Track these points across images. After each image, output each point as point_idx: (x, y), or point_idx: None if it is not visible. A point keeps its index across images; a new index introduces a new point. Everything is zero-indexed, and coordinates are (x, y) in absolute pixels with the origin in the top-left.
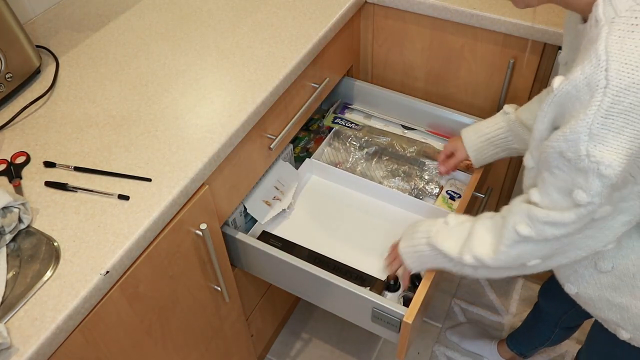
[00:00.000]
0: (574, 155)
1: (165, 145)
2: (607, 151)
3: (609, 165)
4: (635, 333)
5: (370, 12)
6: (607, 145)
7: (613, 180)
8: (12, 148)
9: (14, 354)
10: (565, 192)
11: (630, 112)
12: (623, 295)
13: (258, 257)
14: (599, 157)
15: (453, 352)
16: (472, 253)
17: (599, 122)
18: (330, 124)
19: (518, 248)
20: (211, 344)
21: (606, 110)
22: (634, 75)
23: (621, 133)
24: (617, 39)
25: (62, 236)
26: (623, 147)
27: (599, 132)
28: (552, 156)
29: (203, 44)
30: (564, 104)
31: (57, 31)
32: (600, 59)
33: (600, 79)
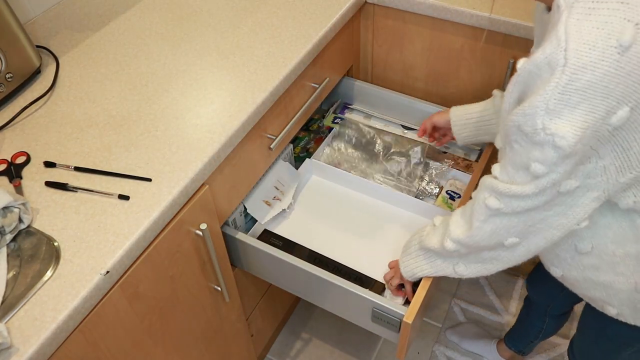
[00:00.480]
0: (531, 128)
1: (165, 145)
2: (562, 124)
3: (563, 137)
4: (622, 308)
5: (370, 12)
6: (562, 118)
7: (567, 151)
8: (13, 148)
9: (14, 353)
10: (523, 167)
11: (587, 89)
12: (606, 273)
13: (258, 257)
14: (554, 129)
15: (453, 352)
16: (450, 237)
17: (556, 98)
18: (330, 124)
19: (491, 222)
20: (211, 344)
21: (563, 87)
22: (591, 55)
23: (576, 108)
24: (576, 21)
25: (62, 236)
26: (578, 120)
27: (555, 107)
28: (512, 130)
29: (203, 44)
30: (527, 83)
31: (57, 31)
32: (560, 40)
33: (560, 58)
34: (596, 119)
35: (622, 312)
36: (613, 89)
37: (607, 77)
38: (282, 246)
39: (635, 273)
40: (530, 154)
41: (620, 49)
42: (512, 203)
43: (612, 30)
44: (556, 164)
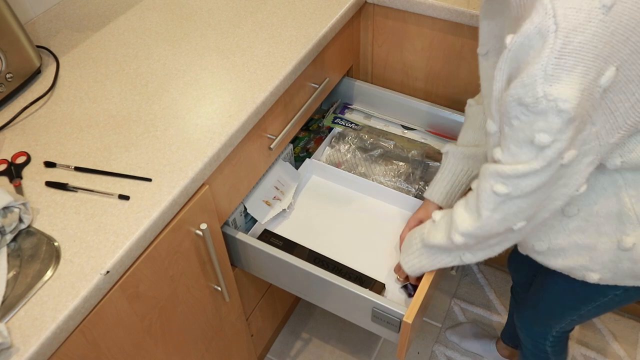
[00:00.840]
0: (532, 98)
1: (165, 145)
2: (562, 88)
3: (566, 100)
4: (603, 272)
5: (370, 12)
6: (562, 82)
7: (571, 114)
8: (13, 148)
9: (14, 353)
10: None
11: (580, 50)
12: (590, 235)
13: (258, 257)
14: (556, 94)
15: (453, 352)
16: (458, 231)
17: (553, 63)
18: (330, 124)
19: (500, 210)
20: (211, 344)
21: (559, 51)
22: (579, 16)
23: (573, 70)
24: None
25: (63, 236)
26: (576, 82)
27: (553, 72)
28: (511, 106)
29: (203, 44)
30: (518, 57)
31: (57, 31)
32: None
33: (550, 25)
34: (590, 80)
35: (604, 276)
36: (601, 49)
37: (595, 38)
38: (282, 246)
39: (618, 231)
40: (534, 125)
41: (604, 9)
42: (521, 184)
43: None
44: (561, 130)
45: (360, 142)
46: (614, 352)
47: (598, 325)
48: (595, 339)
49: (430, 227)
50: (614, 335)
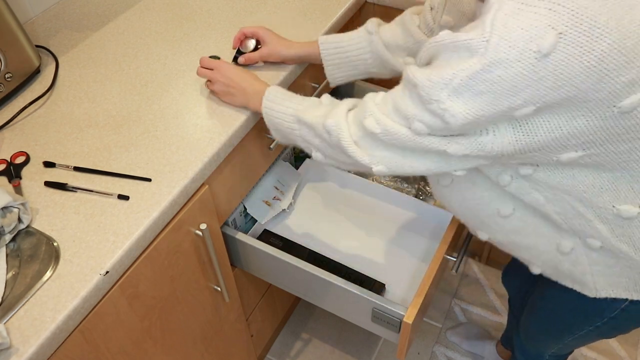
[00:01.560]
0: (427, 96)
1: (165, 145)
2: (458, 105)
3: (453, 116)
4: (545, 268)
5: (370, 12)
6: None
7: (453, 128)
8: (12, 148)
9: (13, 354)
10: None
11: (495, 83)
12: (528, 236)
13: (258, 257)
14: (448, 106)
15: (453, 352)
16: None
17: (462, 80)
18: None
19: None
20: (211, 344)
21: (473, 74)
22: (509, 52)
23: (478, 96)
24: (504, 16)
25: (62, 236)
26: (475, 107)
27: (458, 87)
28: (408, 82)
29: (203, 44)
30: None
31: (57, 31)
32: (485, 29)
33: (480, 47)
34: (494, 112)
35: (546, 272)
36: (521, 90)
37: (517, 78)
38: (282, 246)
39: (556, 235)
40: (417, 112)
41: (539, 55)
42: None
43: (535, 35)
44: (440, 130)
45: None
46: (614, 353)
47: None
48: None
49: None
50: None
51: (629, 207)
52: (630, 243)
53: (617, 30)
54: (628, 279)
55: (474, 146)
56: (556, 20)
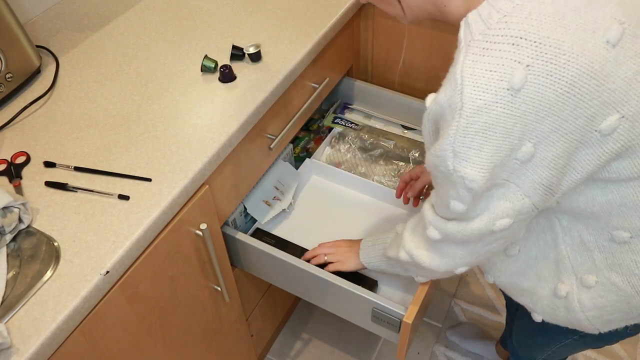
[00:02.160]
0: (445, 169)
1: (165, 145)
2: (469, 167)
3: (473, 180)
4: (544, 315)
5: (370, 12)
6: (469, 161)
7: (478, 192)
8: (13, 148)
9: (14, 353)
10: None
11: (486, 130)
12: (529, 278)
13: (258, 257)
14: (463, 172)
15: (453, 352)
16: (405, 250)
17: (459, 141)
18: (330, 124)
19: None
20: (211, 344)
21: (464, 130)
22: (485, 97)
23: (481, 150)
24: (470, 62)
25: (62, 236)
26: (484, 162)
27: (460, 150)
28: (431, 168)
29: (203, 44)
30: (436, 120)
31: (57, 31)
32: (457, 82)
33: (457, 101)
34: (502, 157)
35: (546, 318)
36: (511, 129)
37: (502, 118)
38: (275, 244)
39: (555, 277)
40: (449, 192)
41: (512, 91)
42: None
43: (504, 73)
44: (472, 201)
45: (360, 142)
46: (614, 352)
47: None
48: None
49: (392, 238)
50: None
51: (621, 233)
52: (620, 272)
53: (582, 55)
54: (621, 313)
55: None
56: (521, 54)
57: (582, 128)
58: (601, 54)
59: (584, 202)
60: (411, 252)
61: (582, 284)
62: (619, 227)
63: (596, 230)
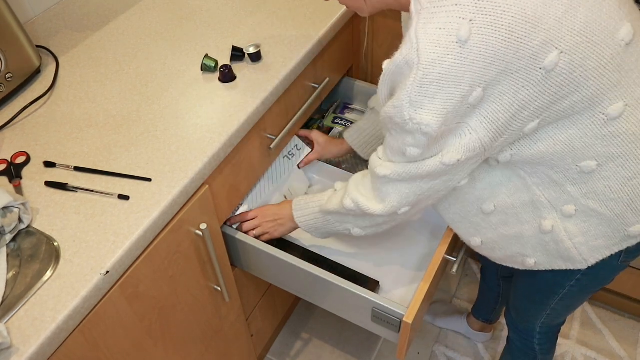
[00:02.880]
0: (401, 120)
1: (165, 145)
2: (425, 114)
3: (428, 125)
4: (537, 255)
5: None
6: (424, 109)
7: (433, 135)
8: (13, 148)
9: (14, 353)
10: (399, 152)
11: (440, 80)
12: (514, 225)
13: (258, 257)
14: (419, 119)
15: (453, 352)
16: (350, 197)
17: (416, 92)
18: (330, 124)
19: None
20: (211, 344)
21: (420, 81)
22: (437, 50)
23: (435, 98)
24: (423, 24)
25: (62, 236)
26: (438, 108)
27: (417, 99)
28: (386, 121)
29: (203, 44)
30: (393, 80)
31: (57, 31)
32: (412, 42)
33: (414, 57)
34: (454, 104)
35: (539, 260)
36: (462, 77)
37: (454, 68)
38: (277, 245)
39: (536, 217)
40: (405, 140)
41: (460, 43)
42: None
43: (451, 29)
44: (428, 145)
45: None
46: (614, 352)
47: (598, 325)
48: (596, 339)
49: (330, 195)
50: (614, 335)
51: (588, 163)
52: (597, 198)
53: (514, 5)
54: (604, 237)
55: (462, 149)
56: (464, 12)
57: (527, 67)
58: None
59: (545, 146)
60: (357, 199)
61: (563, 215)
62: (584, 158)
63: (562, 167)
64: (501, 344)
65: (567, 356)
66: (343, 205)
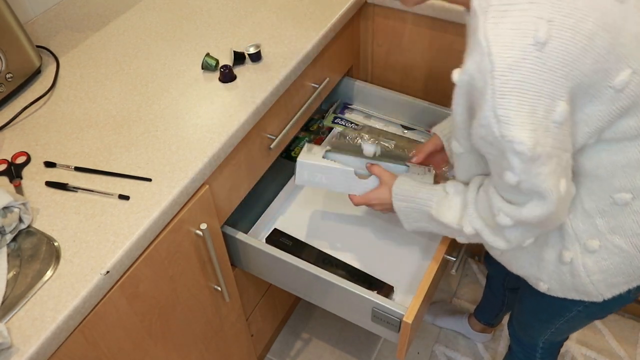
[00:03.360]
0: (493, 138)
1: (165, 145)
2: (515, 129)
3: (521, 142)
4: (551, 282)
5: (370, 12)
6: (512, 123)
7: (528, 154)
8: (13, 148)
9: (14, 353)
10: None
11: (520, 89)
12: (538, 244)
13: (258, 257)
14: (510, 136)
15: (453, 352)
16: (472, 224)
17: (498, 104)
18: (330, 124)
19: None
20: (211, 344)
21: (500, 91)
22: (513, 54)
23: (520, 110)
24: (492, 25)
25: (63, 236)
26: (526, 122)
27: (501, 113)
28: (480, 144)
29: (203, 44)
30: (469, 92)
31: (57, 31)
32: (482, 46)
33: (487, 64)
34: (539, 118)
35: (552, 286)
36: (541, 87)
37: (533, 75)
38: (292, 246)
39: (559, 244)
40: (501, 163)
41: (538, 46)
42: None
43: (527, 29)
44: (524, 170)
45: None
46: (614, 352)
47: (598, 325)
48: (595, 339)
49: (441, 199)
50: (614, 335)
51: (623, 195)
52: (623, 234)
53: (595, 10)
54: (624, 275)
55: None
56: (541, 11)
57: (598, 83)
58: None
59: (589, 165)
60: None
61: (586, 250)
62: (621, 189)
63: (597, 195)
64: (501, 344)
65: (567, 356)
66: (462, 228)
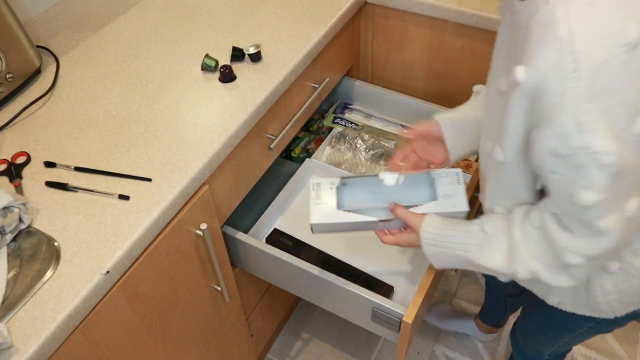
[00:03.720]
0: (569, 151)
1: (165, 145)
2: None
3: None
4: (563, 297)
5: (370, 12)
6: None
7: (616, 167)
8: (13, 148)
9: (14, 353)
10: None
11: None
12: None
13: (258, 257)
14: (596, 146)
15: (453, 352)
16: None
17: (583, 109)
18: (330, 124)
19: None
20: (211, 344)
21: (585, 95)
22: (602, 53)
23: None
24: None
25: (63, 236)
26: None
27: (586, 120)
28: (544, 159)
29: (203, 44)
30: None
31: (57, 31)
32: (563, 42)
33: (568, 63)
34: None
35: (563, 300)
36: (626, 93)
37: (618, 80)
38: (292, 246)
39: None
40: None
41: (628, 47)
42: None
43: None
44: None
45: (361, 142)
46: (614, 352)
47: None
48: (595, 339)
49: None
50: (613, 335)
51: None
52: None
53: None
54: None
55: None
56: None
57: None
58: None
59: None
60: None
61: (605, 271)
62: None
63: None
64: (501, 344)
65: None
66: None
